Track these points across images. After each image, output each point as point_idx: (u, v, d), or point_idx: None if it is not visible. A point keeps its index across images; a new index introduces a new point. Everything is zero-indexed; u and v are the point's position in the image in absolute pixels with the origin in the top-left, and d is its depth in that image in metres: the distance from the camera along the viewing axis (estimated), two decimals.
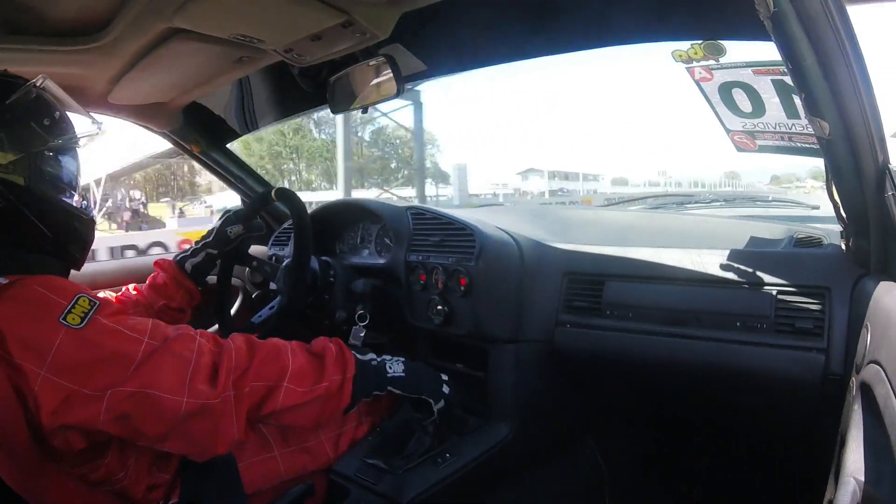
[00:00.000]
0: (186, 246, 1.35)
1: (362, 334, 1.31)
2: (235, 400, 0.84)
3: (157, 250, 6.80)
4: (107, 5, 0.94)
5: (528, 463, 1.31)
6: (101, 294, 1.19)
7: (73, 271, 0.96)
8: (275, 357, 0.91)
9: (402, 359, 1.08)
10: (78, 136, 0.94)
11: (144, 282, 1.27)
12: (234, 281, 1.75)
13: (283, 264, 1.35)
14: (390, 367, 1.05)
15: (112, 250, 6.57)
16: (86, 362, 0.76)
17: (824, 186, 0.89)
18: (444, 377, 1.13)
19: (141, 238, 8.35)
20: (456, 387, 1.14)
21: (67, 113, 0.94)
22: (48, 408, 0.74)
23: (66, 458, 0.82)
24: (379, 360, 1.05)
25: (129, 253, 6.54)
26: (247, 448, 1.05)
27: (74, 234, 0.93)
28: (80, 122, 0.96)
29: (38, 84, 0.87)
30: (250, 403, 0.86)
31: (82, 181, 0.95)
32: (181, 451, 0.89)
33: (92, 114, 0.97)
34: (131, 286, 1.25)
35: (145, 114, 1.48)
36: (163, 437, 0.82)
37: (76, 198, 0.93)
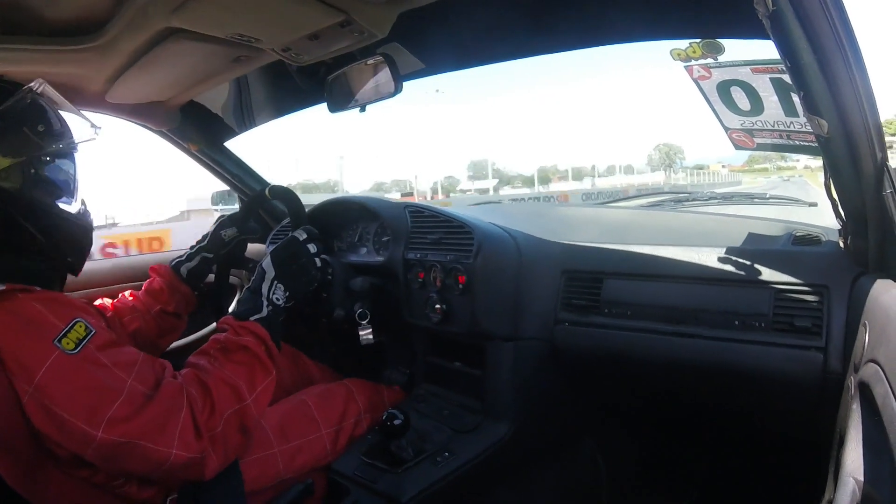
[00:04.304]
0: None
1: (368, 331, 1.30)
2: (212, 443, 0.84)
3: None
4: (104, 5, 0.93)
5: (527, 462, 1.31)
6: (98, 302, 1.19)
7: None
8: (223, 382, 0.88)
9: (273, 276, 1.03)
10: (74, 141, 0.93)
11: (139, 281, 1.27)
12: (233, 279, 1.75)
13: None
14: (276, 298, 1.01)
15: None
16: (74, 388, 0.76)
17: (820, 166, 0.89)
18: (314, 251, 1.11)
19: None
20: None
21: (64, 117, 0.93)
22: (38, 425, 0.76)
23: (67, 462, 0.83)
24: (268, 305, 1.00)
25: None
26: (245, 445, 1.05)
27: (70, 240, 0.93)
28: (77, 126, 0.95)
29: (35, 89, 0.86)
30: (227, 440, 0.86)
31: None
32: (166, 482, 0.91)
33: (89, 115, 0.97)
34: (128, 292, 1.25)
35: (143, 113, 1.47)
36: (147, 475, 0.86)
37: (74, 203, 0.93)
